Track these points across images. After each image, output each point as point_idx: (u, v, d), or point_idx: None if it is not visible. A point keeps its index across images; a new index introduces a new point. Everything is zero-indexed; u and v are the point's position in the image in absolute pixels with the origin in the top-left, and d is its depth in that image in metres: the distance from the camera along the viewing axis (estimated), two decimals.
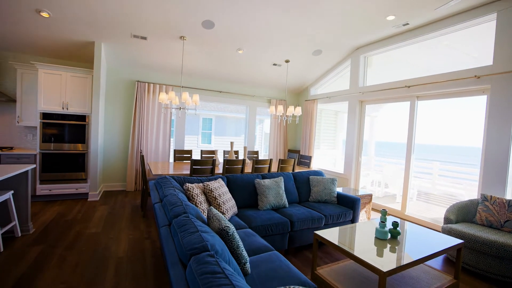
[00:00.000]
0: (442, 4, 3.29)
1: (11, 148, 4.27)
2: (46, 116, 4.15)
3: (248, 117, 6.58)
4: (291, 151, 6.89)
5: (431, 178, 5.29)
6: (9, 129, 4.46)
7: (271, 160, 4.19)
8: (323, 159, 6.68)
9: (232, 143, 4.52)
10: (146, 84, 5.15)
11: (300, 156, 5.62)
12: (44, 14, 3.41)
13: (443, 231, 2.87)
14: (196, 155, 6.84)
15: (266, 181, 3.17)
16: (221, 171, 3.94)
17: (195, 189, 2.56)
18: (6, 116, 4.43)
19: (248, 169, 4.31)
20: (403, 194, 4.34)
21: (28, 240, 2.82)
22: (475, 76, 3.36)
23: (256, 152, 5.60)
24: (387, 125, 6.30)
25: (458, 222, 2.95)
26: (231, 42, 4.40)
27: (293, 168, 4.46)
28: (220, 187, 2.72)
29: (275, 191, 3.12)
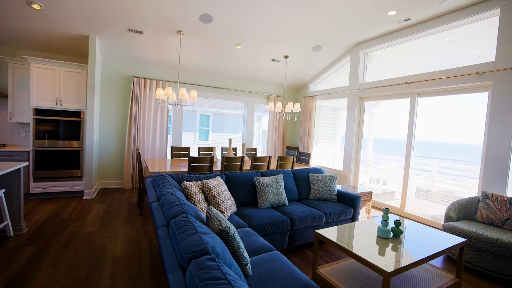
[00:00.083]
0: None
1: (3, 145, 4.15)
2: (39, 112, 4.04)
3: (246, 113, 6.50)
4: (289, 148, 6.84)
5: (430, 175, 5.28)
6: (0, 125, 4.33)
7: (270, 157, 4.13)
8: (321, 156, 6.64)
9: (230, 140, 4.45)
10: (142, 79, 5.04)
11: (299, 153, 5.57)
12: (35, 6, 3.28)
13: (444, 229, 2.84)
14: (193, 152, 6.75)
15: (266, 178, 3.11)
16: (219, 169, 3.87)
17: (193, 187, 2.49)
18: None
19: (246, 166, 4.25)
20: (402, 191, 4.31)
21: (21, 240, 2.74)
22: (477, 72, 3.32)
23: (255, 149, 5.54)
24: (385, 121, 6.26)
25: (459, 220, 2.93)
26: (229, 37, 4.31)
27: (292, 165, 4.41)
28: (219, 185, 2.66)
29: (274, 189, 3.07)
